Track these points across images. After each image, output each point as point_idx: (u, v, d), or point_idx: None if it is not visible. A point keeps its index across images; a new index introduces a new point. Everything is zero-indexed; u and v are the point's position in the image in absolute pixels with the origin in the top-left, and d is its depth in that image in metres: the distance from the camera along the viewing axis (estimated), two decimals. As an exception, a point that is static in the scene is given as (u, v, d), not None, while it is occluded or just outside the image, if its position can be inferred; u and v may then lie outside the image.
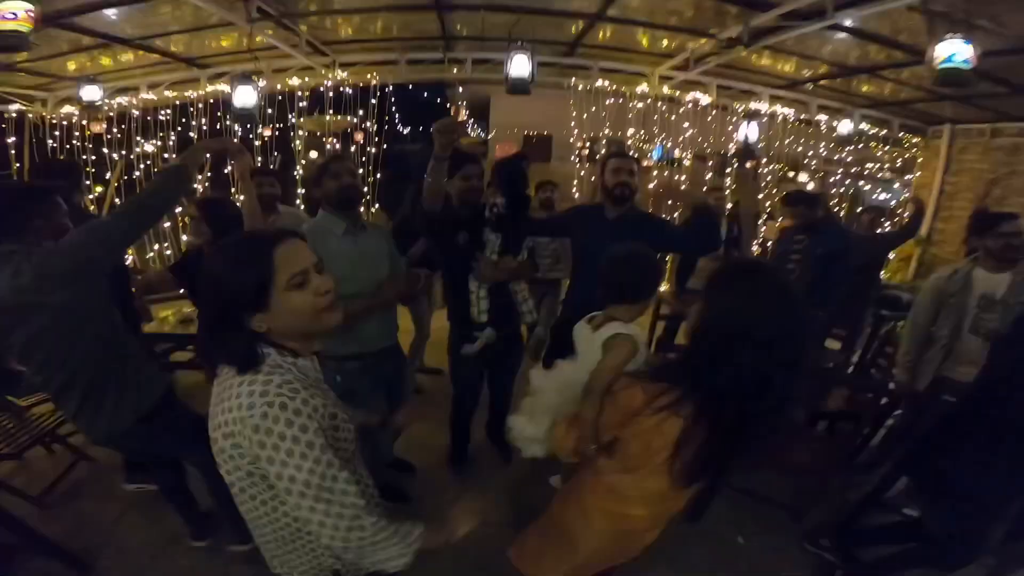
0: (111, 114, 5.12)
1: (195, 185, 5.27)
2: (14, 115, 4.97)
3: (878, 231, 4.14)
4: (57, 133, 5.21)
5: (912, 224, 3.85)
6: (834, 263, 3.04)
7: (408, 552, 1.01)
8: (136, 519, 2.21)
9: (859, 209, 5.74)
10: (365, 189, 5.34)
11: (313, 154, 5.86)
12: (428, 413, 3.12)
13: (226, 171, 5.10)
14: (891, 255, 5.28)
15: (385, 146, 5.57)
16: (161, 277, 2.23)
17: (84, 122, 5.19)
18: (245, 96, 3.34)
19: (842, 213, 6.30)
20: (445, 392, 2.66)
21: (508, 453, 2.71)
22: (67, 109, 5.13)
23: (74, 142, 5.25)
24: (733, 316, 1.01)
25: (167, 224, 5.04)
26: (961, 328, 2.28)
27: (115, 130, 5.18)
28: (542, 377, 1.48)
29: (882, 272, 4.59)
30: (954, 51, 2.53)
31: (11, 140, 4.98)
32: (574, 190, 5.98)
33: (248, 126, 4.75)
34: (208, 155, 1.91)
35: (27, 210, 1.54)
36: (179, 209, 3.80)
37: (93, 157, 5.30)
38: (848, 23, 3.27)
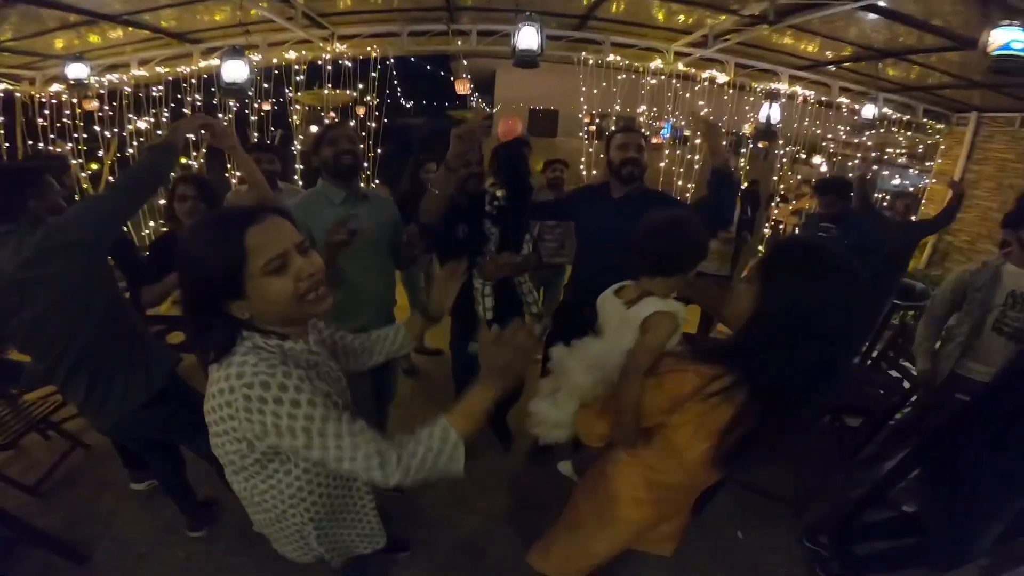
0: (101, 91, 5.04)
1: (190, 162, 5.24)
2: (1, 95, 4.89)
3: (911, 218, 3.97)
4: (47, 112, 5.15)
5: (950, 211, 3.63)
6: (864, 256, 2.93)
7: (458, 456, 0.93)
8: (133, 508, 2.22)
9: (888, 195, 5.59)
10: (365, 164, 5.27)
11: (313, 128, 5.76)
12: (426, 396, 3.13)
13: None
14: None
15: (386, 120, 5.46)
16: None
17: (74, 100, 5.12)
18: (235, 71, 3.23)
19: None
20: (443, 374, 2.63)
21: (508, 441, 2.71)
22: (56, 87, 5.06)
23: (64, 120, 5.19)
24: (799, 302, 0.94)
25: (162, 201, 4.99)
26: (984, 325, 2.20)
27: (106, 107, 5.12)
28: (567, 356, 1.36)
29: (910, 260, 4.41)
30: (1012, 38, 2.43)
31: (0, 120, 4.93)
32: (581, 167, 5.88)
33: (245, 100, 4.63)
34: (199, 131, 1.82)
35: (22, 191, 1.53)
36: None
37: (85, 135, 5.25)
38: (882, 3, 3.10)
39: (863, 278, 0.96)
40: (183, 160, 5.26)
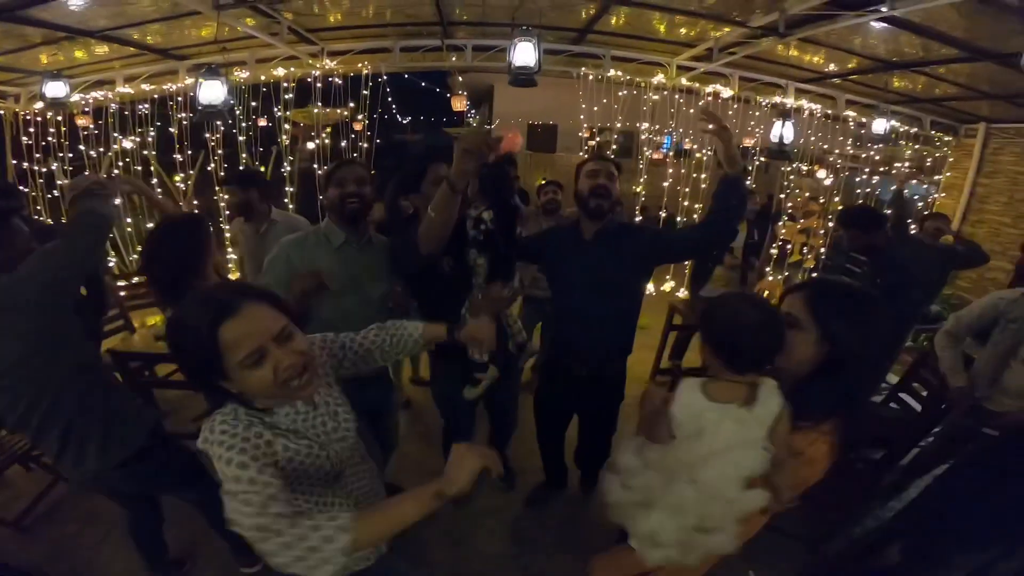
0: (86, 109, 5.13)
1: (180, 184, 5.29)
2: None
3: (942, 242, 3.75)
4: (32, 130, 5.23)
5: (978, 251, 3.58)
6: (897, 296, 2.83)
7: (335, 564, 0.87)
8: (118, 542, 2.19)
9: (919, 215, 5.61)
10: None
11: (310, 145, 5.83)
12: (420, 431, 3.11)
13: (208, 168, 5.11)
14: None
15: (379, 140, 5.53)
16: None
17: (59, 118, 5.21)
18: (212, 91, 3.16)
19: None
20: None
21: (512, 480, 2.70)
22: (41, 105, 5.11)
23: (50, 139, 5.28)
24: (866, 340, 1.21)
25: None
26: (1014, 357, 2.18)
27: (91, 127, 5.21)
28: (723, 486, 1.25)
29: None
30: None
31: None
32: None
33: (230, 120, 4.70)
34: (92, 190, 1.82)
35: None
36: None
37: (71, 155, 5.34)
38: (897, 14, 3.04)
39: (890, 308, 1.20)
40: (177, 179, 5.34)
